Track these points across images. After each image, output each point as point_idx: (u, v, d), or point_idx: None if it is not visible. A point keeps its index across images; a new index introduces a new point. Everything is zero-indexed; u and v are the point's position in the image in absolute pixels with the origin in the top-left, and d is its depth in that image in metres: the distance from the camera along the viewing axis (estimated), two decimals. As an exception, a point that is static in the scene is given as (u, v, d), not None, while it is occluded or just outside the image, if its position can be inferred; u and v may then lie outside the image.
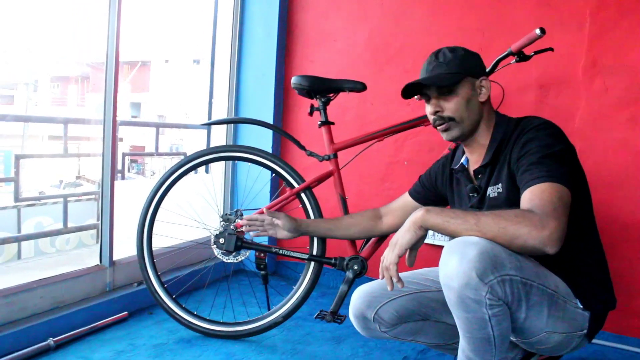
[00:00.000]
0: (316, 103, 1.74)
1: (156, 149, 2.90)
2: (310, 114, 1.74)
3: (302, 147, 1.75)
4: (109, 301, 1.85)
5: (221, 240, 1.67)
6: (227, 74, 2.57)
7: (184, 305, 1.74)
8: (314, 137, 1.91)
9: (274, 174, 1.76)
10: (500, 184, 1.18)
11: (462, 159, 1.32)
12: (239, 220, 1.67)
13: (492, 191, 1.20)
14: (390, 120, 1.85)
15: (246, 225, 1.61)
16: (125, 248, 1.99)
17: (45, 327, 1.62)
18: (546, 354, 1.21)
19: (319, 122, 1.75)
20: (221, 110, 2.61)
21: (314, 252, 1.69)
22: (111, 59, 1.85)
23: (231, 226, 1.67)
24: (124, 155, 5.29)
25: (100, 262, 1.92)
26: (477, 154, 1.27)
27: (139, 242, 1.74)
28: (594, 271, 1.16)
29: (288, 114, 2.53)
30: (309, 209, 1.72)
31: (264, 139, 2.45)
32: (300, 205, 1.73)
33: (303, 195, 1.72)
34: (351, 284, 1.62)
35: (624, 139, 1.79)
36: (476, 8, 2.05)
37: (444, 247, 1.02)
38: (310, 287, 1.69)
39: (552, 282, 1.08)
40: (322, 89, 1.71)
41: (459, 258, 0.97)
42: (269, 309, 1.74)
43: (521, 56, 1.53)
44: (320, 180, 1.73)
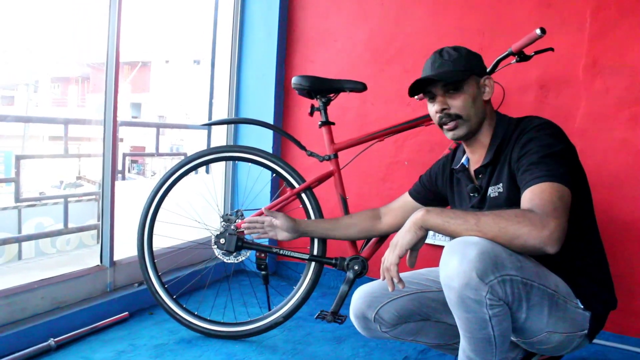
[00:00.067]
0: (316, 103, 1.74)
1: (156, 149, 2.89)
2: (311, 114, 1.74)
3: (303, 148, 1.75)
4: (110, 301, 1.85)
5: (222, 241, 1.67)
6: (228, 74, 2.56)
7: (184, 306, 1.74)
8: (315, 137, 1.91)
9: (274, 174, 1.76)
10: (501, 184, 1.18)
11: (463, 159, 1.32)
12: (239, 220, 1.68)
13: (493, 191, 1.20)
14: (390, 120, 1.85)
15: (246, 228, 1.62)
16: (125, 248, 1.99)
17: (46, 327, 1.62)
18: (547, 354, 1.21)
19: (320, 122, 1.75)
20: (221, 111, 2.61)
21: (315, 252, 1.69)
22: (111, 60, 1.85)
23: (232, 226, 1.67)
24: (124, 155, 5.31)
25: (101, 262, 1.93)
26: (478, 153, 1.27)
27: (140, 243, 1.74)
28: (594, 271, 1.16)
29: (288, 114, 2.53)
30: (310, 209, 1.72)
31: (264, 139, 2.45)
32: (301, 206, 1.73)
33: (303, 195, 1.72)
34: (352, 284, 1.62)
35: (624, 138, 1.79)
36: (476, 8, 2.05)
37: (445, 247, 1.02)
38: (310, 288, 1.69)
39: (553, 282, 1.08)
40: (323, 89, 1.72)
41: (459, 258, 0.97)
42: (270, 309, 1.74)
43: (521, 56, 1.52)
44: (321, 180, 1.73)
